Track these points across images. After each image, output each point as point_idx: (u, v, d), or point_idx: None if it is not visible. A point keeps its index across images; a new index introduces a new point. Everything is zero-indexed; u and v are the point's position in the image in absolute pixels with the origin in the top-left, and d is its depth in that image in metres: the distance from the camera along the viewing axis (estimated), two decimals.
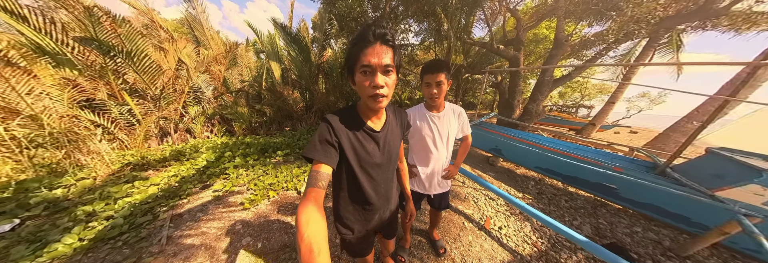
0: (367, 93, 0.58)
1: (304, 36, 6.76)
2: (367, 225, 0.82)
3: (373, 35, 0.54)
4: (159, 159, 3.13)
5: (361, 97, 0.62)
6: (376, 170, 0.74)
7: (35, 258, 1.38)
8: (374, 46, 0.54)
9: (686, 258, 1.78)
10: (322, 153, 0.61)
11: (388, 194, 0.84)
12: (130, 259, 1.42)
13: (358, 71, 0.57)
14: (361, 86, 0.58)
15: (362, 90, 0.58)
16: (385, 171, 0.77)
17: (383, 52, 0.54)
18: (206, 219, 1.88)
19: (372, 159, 0.71)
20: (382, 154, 0.74)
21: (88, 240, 1.54)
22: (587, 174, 2.48)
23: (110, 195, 2.02)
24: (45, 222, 1.71)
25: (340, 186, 0.77)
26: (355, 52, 0.56)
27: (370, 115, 0.70)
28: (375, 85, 0.56)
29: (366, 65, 0.54)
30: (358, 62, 0.56)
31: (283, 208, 2.09)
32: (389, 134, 0.75)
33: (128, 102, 3.87)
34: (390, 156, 0.77)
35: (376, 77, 0.55)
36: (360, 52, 0.55)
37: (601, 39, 3.86)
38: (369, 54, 0.54)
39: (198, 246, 1.56)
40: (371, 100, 0.59)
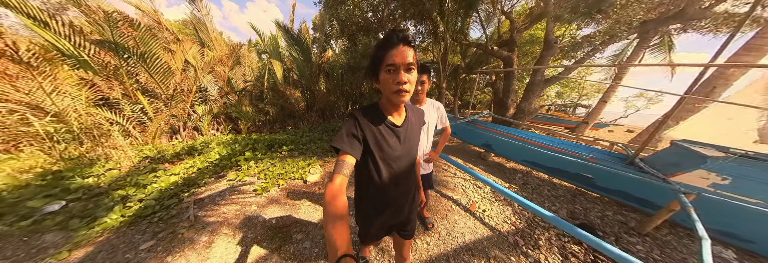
0: (391, 89, 0.64)
1: (305, 37, 7.06)
2: (384, 215, 0.88)
3: (396, 38, 0.61)
4: (173, 153, 3.43)
5: (385, 94, 0.69)
6: (397, 163, 0.80)
7: (89, 229, 1.68)
8: (398, 47, 0.61)
9: (645, 235, 2.08)
10: (349, 144, 0.69)
11: (408, 186, 0.91)
12: (166, 231, 1.72)
13: (382, 70, 0.64)
14: (385, 83, 0.65)
15: (387, 86, 0.65)
16: (404, 164, 0.84)
17: (406, 52, 0.61)
18: (224, 202, 2.18)
19: (393, 153, 0.78)
20: (403, 148, 0.80)
21: (128, 217, 1.84)
22: (567, 165, 2.78)
23: (138, 182, 2.33)
24: (87, 203, 2.01)
25: (362, 177, 0.84)
26: (380, 54, 0.63)
27: (392, 111, 0.78)
28: (399, 81, 0.62)
29: (391, 64, 0.61)
30: (383, 62, 0.63)
31: (292, 194, 2.39)
32: (409, 129, 0.82)
33: (141, 101, 4.16)
34: (409, 150, 0.84)
35: (400, 74, 0.62)
36: (385, 54, 0.62)
37: (588, 41, 4.15)
38: (393, 54, 0.61)
39: (221, 222, 1.86)
40: (395, 95, 0.65)
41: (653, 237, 2.05)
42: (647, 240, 2.02)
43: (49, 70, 3.26)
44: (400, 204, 0.91)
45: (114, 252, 1.51)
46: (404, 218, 0.96)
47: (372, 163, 0.77)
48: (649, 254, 1.85)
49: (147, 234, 1.70)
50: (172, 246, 1.58)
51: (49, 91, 3.20)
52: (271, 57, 6.96)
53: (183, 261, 1.47)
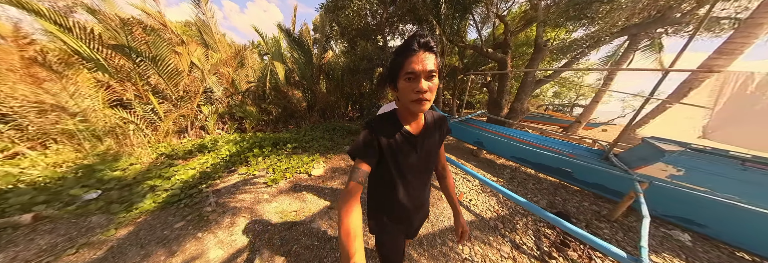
0: (410, 98, 0.62)
1: (306, 39, 7.37)
2: (398, 226, 0.88)
3: (417, 44, 0.59)
4: (185, 150, 3.74)
5: (403, 102, 0.66)
6: (412, 173, 0.79)
7: (128, 212, 1.99)
8: (418, 54, 0.58)
9: (613, 221, 2.37)
10: (364, 152, 0.70)
11: (421, 198, 0.89)
12: (193, 214, 2.03)
13: (402, 78, 0.61)
14: (405, 91, 0.62)
15: (406, 95, 0.62)
16: (420, 175, 0.82)
17: (427, 59, 0.59)
18: (240, 192, 2.48)
19: (408, 162, 0.76)
20: (419, 158, 0.78)
21: (159, 203, 2.14)
22: (550, 160, 3.08)
23: (162, 174, 2.64)
24: (120, 192, 2.31)
25: (376, 186, 0.84)
26: (399, 61, 0.61)
27: (409, 119, 0.75)
28: (419, 90, 0.59)
29: (410, 72, 0.58)
30: (402, 70, 0.60)
31: (298, 185, 2.70)
32: (427, 139, 0.79)
33: (152, 101, 4.46)
34: (427, 160, 0.82)
35: (420, 83, 0.59)
36: (405, 61, 0.59)
37: (576, 44, 4.45)
38: (414, 62, 0.58)
39: (239, 208, 2.17)
40: (414, 105, 0.62)
41: (620, 223, 2.34)
42: (614, 226, 2.31)
43: (70, 73, 3.58)
44: (413, 216, 0.90)
45: (153, 230, 1.82)
46: (414, 228, 0.97)
47: (386, 173, 0.77)
48: (613, 237, 2.15)
49: (177, 216, 2.01)
50: (201, 226, 1.89)
51: (71, 92, 3.51)
52: (273, 59, 7.26)
53: (212, 236, 1.78)
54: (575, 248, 1.95)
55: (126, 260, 1.53)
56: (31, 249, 1.59)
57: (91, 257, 1.55)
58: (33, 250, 1.58)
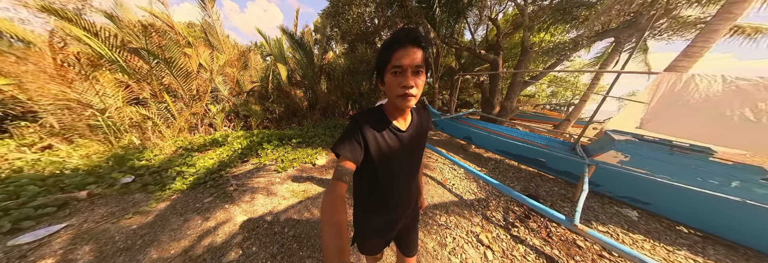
0: (396, 92, 0.61)
1: (308, 40, 7.83)
2: (383, 225, 0.87)
3: (405, 37, 0.58)
4: (201, 144, 4.19)
5: (390, 97, 0.66)
6: (399, 169, 0.78)
7: (163, 191, 2.44)
8: (406, 47, 0.58)
9: (575, 201, 2.81)
10: (348, 149, 0.67)
11: (409, 194, 0.89)
12: (218, 192, 2.48)
13: (388, 72, 0.60)
14: (390, 86, 0.61)
15: (392, 90, 0.62)
16: (407, 171, 0.82)
17: (414, 53, 0.58)
18: (255, 177, 2.94)
19: (396, 158, 0.75)
20: (406, 153, 0.78)
21: (188, 185, 2.59)
22: (527, 151, 3.52)
23: (187, 162, 3.09)
24: (152, 177, 2.76)
25: (361, 183, 0.82)
26: (386, 54, 0.59)
27: (396, 115, 0.75)
28: (405, 85, 0.59)
29: (397, 66, 0.58)
30: (388, 63, 0.59)
31: (304, 172, 3.15)
32: (414, 134, 0.79)
33: (167, 100, 4.92)
34: (413, 155, 0.82)
35: (406, 78, 0.59)
36: (391, 54, 0.58)
37: (558, 47, 4.90)
38: (400, 56, 0.57)
39: (256, 188, 2.62)
40: (400, 100, 0.62)
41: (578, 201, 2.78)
42: (575, 204, 2.75)
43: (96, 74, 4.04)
44: (399, 214, 0.88)
45: (187, 203, 2.27)
46: (404, 229, 0.94)
47: (372, 169, 0.75)
48: (570, 212, 2.58)
49: (205, 194, 2.46)
50: (226, 200, 2.34)
51: (97, 91, 3.97)
52: (276, 60, 7.73)
53: (236, 207, 2.23)
54: (535, 220, 2.39)
55: (171, 222, 1.98)
56: (95, 214, 2.04)
57: (144, 221, 2.00)
58: (97, 215, 2.03)
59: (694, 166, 2.22)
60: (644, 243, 2.15)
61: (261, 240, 1.82)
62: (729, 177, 2.07)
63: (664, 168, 2.36)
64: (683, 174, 2.26)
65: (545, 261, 1.87)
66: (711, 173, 2.15)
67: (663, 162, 2.36)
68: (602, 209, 2.68)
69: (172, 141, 4.11)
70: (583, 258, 1.91)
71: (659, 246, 2.11)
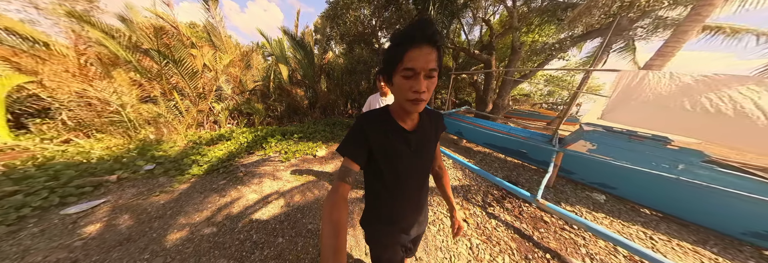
0: (406, 96, 0.58)
1: (308, 41, 8.22)
2: (394, 231, 0.84)
3: (421, 34, 0.52)
4: (209, 139, 4.57)
5: (398, 99, 0.63)
6: (407, 172, 0.76)
7: (182, 175, 2.81)
8: (421, 47, 0.53)
9: (551, 187, 3.15)
10: (352, 151, 0.68)
11: (418, 200, 0.85)
12: (230, 176, 2.85)
13: (398, 73, 0.56)
14: (400, 89, 0.58)
15: (401, 93, 0.58)
16: (416, 174, 0.79)
17: (429, 55, 0.54)
18: (261, 165, 3.31)
19: (403, 161, 0.73)
20: (414, 156, 0.75)
21: (204, 171, 2.97)
22: (511, 143, 3.88)
23: (200, 153, 3.47)
24: (172, 164, 3.14)
25: (370, 188, 0.80)
26: (398, 53, 0.55)
27: (403, 116, 0.72)
28: (417, 90, 0.55)
29: (409, 68, 0.54)
30: (400, 63, 0.55)
31: (306, 162, 3.52)
32: (422, 135, 0.76)
33: (175, 98, 5.30)
34: (422, 157, 0.78)
35: (419, 82, 0.55)
36: (404, 54, 0.54)
37: (545, 48, 5.26)
38: (414, 57, 0.53)
39: (263, 174, 3.00)
40: (410, 104, 0.59)
41: (555, 188, 3.13)
42: (550, 189, 3.10)
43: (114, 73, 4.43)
44: (410, 221, 0.85)
45: (204, 185, 2.65)
46: (414, 236, 0.91)
47: (379, 174, 0.74)
48: (544, 195, 2.93)
49: (219, 178, 2.84)
50: (238, 183, 2.72)
51: (113, 89, 4.35)
52: (277, 60, 8.12)
53: (247, 188, 2.60)
54: (510, 201, 2.75)
55: (193, 198, 2.35)
56: (127, 193, 2.42)
57: (170, 197, 2.37)
58: (129, 194, 2.41)
59: (648, 152, 2.58)
60: (604, 220, 2.50)
61: (270, 211, 2.19)
62: (676, 161, 2.42)
63: (624, 154, 2.71)
64: (640, 160, 2.61)
65: (513, 232, 2.22)
66: (662, 158, 2.50)
67: (623, 150, 2.72)
68: (574, 193, 3.03)
69: (184, 135, 4.49)
70: (547, 230, 2.27)
71: (616, 222, 2.46)
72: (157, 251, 1.65)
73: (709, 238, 2.19)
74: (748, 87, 2.02)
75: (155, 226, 1.93)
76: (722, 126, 2.05)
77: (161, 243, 1.73)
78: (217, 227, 1.95)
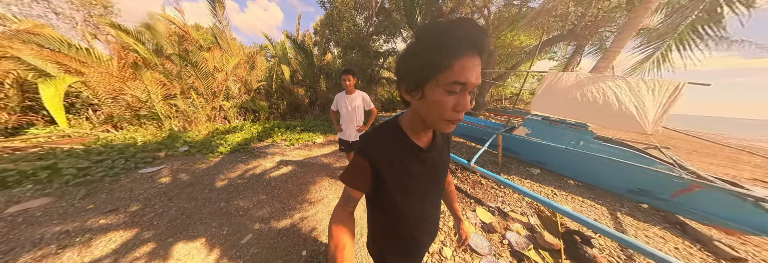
0: (446, 116, 0.50)
1: (309, 44, 9.30)
2: (407, 256, 0.80)
3: (480, 41, 0.45)
4: (224, 130, 5.64)
5: (428, 117, 0.54)
6: (422, 193, 0.71)
7: (212, 153, 3.88)
8: (473, 56, 0.45)
9: (501, 165, 4.17)
10: (355, 179, 0.65)
11: (433, 221, 0.81)
12: (249, 154, 3.92)
13: (440, 86, 0.47)
14: (439, 105, 0.49)
15: (439, 111, 0.50)
16: (431, 195, 0.75)
17: (479, 67, 0.47)
18: (272, 148, 4.39)
19: (418, 183, 0.68)
20: (430, 176, 0.71)
21: (228, 150, 4.04)
22: (477, 132, 4.90)
23: (221, 139, 4.55)
24: (199, 147, 4.20)
25: (378, 213, 0.75)
26: (443, 60, 0.45)
27: (419, 132, 0.65)
28: (463, 108, 0.49)
29: (460, 83, 0.46)
30: (444, 74, 0.46)
31: (307, 146, 4.60)
32: (437, 153, 0.71)
33: (193, 96, 6.39)
34: (438, 177, 0.74)
35: (466, 99, 0.48)
36: (453, 62, 0.45)
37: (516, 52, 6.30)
38: (467, 68, 0.45)
39: (274, 153, 4.07)
40: (446, 124, 0.52)
41: (503, 164, 4.14)
42: (499, 166, 4.12)
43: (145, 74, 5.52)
44: (424, 244, 0.80)
45: (231, 159, 3.72)
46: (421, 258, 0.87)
47: (389, 197, 0.67)
48: (492, 169, 3.95)
49: (241, 154, 3.92)
50: (256, 157, 3.79)
51: (145, 88, 5.43)
52: (279, 61, 9.21)
53: (263, 160, 3.68)
54: (461, 173, 3.77)
55: (225, 166, 3.42)
56: (176, 163, 3.49)
57: (208, 165, 3.44)
58: (178, 163, 3.48)
59: (562, 133, 3.60)
60: (529, 185, 3.51)
61: (281, 171, 3.27)
62: (578, 139, 3.44)
63: (548, 136, 3.74)
64: (558, 140, 3.63)
65: (458, 191, 3.24)
66: (570, 137, 3.53)
67: (547, 132, 3.74)
68: (517, 169, 4.04)
69: (204, 127, 5.58)
70: (480, 189, 3.28)
71: (535, 185, 3.46)
72: (212, 189, 2.71)
73: (604, 196, 3.15)
74: (615, 83, 3.05)
75: (205, 179, 2.99)
76: (596, 111, 3.08)
77: (213, 186, 2.79)
78: (246, 179, 3.01)
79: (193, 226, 2.04)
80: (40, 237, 1.83)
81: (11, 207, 2.18)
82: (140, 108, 5.27)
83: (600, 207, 2.87)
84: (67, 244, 1.76)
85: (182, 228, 2.00)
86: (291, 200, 2.57)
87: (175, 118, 5.55)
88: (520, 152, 4.18)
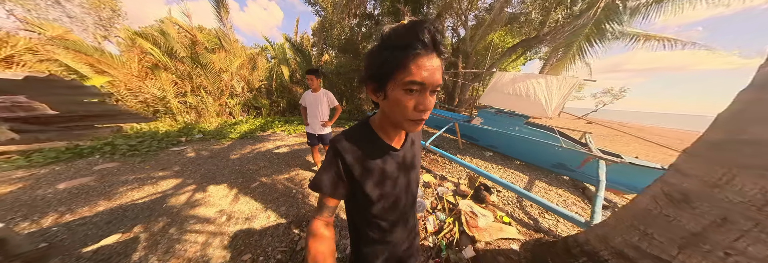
0: (407, 115, 0.52)
1: (306, 46, 10.41)
2: (387, 255, 0.81)
3: (432, 40, 0.45)
4: (231, 123, 6.74)
5: (394, 117, 0.55)
6: (398, 193, 0.74)
7: (224, 138, 4.98)
8: (430, 56, 0.46)
9: (462, 149, 5.20)
10: (328, 185, 0.64)
11: (412, 220, 0.85)
12: (255, 140, 5.01)
13: (398, 86, 0.48)
14: (399, 105, 0.51)
15: (401, 111, 0.51)
16: (407, 193, 0.77)
17: (438, 67, 0.48)
18: (273, 136, 5.47)
19: (392, 182, 0.70)
20: (404, 175, 0.73)
21: (237, 136, 5.13)
22: (444, 123, 5.91)
23: (234, 128, 5.65)
24: (212, 134, 5.29)
25: (355, 216, 0.78)
26: (398, 59, 0.46)
27: (390, 132, 0.67)
28: (425, 108, 0.50)
29: (417, 82, 0.46)
30: (401, 74, 0.47)
31: (303, 136, 5.67)
32: (408, 152, 0.74)
33: (202, 94, 7.50)
34: (411, 175, 0.76)
35: (426, 99, 0.49)
36: (409, 62, 0.45)
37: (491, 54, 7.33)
38: (424, 67, 0.46)
39: (275, 139, 5.17)
40: (411, 124, 0.54)
41: (464, 149, 5.17)
42: (460, 148, 5.15)
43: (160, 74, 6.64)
44: (403, 245, 0.84)
45: (241, 142, 4.82)
46: (405, 259, 0.88)
47: (364, 200, 0.69)
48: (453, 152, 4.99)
49: (248, 139, 5.01)
50: (260, 142, 4.87)
51: (160, 86, 6.55)
52: (279, 62, 10.31)
53: (267, 143, 4.76)
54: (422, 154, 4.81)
55: (237, 147, 4.50)
56: (195, 146, 4.59)
57: (223, 147, 4.53)
58: (196, 146, 4.57)
59: (504, 121, 4.64)
60: (479, 164, 4.54)
61: (281, 151, 4.34)
62: (514, 125, 4.48)
63: (496, 124, 4.77)
64: (501, 127, 4.67)
65: None
66: (509, 123, 4.57)
67: (495, 121, 4.78)
68: (473, 152, 5.07)
69: (214, 120, 6.70)
70: (436, 164, 4.31)
71: (483, 163, 4.49)
72: (228, 159, 3.80)
73: (538, 171, 4.16)
74: (537, 80, 4.09)
75: (221, 154, 4.07)
76: (521, 101, 4.12)
77: (228, 158, 3.87)
78: (253, 154, 4.09)
79: (218, 178, 3.12)
80: (125, 179, 2.92)
81: (95, 166, 3.28)
82: (157, 104, 6.39)
83: (524, 176, 3.89)
84: (144, 183, 2.85)
85: (211, 179, 3.08)
86: (285, 166, 3.65)
87: (187, 113, 6.66)
88: (478, 138, 5.21)
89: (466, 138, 5.40)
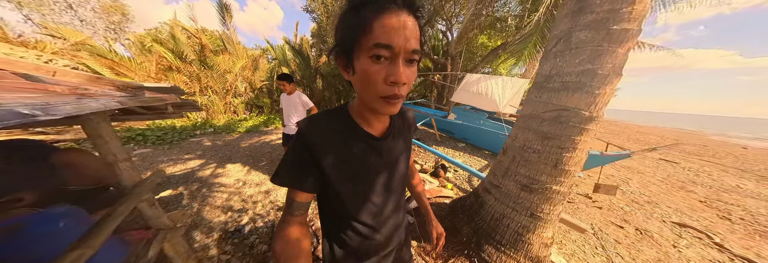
0: (378, 91, 0.43)
1: (306, 48, 11.37)
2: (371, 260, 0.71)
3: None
4: (238, 119, 7.72)
5: (363, 95, 0.48)
6: (379, 190, 0.64)
7: (233, 131, 5.96)
8: (399, 13, 0.39)
9: (440, 142, 6.12)
10: (295, 178, 0.56)
11: (395, 223, 0.72)
12: (260, 133, 5.99)
13: (364, 53, 0.41)
14: (368, 79, 0.42)
15: (370, 85, 0.43)
16: (389, 192, 0.66)
17: (412, 28, 0.40)
18: (276, 130, 6.45)
19: (373, 177, 0.62)
20: (386, 169, 0.63)
21: (244, 130, 6.12)
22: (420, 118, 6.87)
23: (240, 123, 6.64)
24: (223, 128, 6.28)
25: (329, 215, 0.68)
26: (362, 20, 0.39)
27: (369, 118, 0.58)
28: (395, 80, 0.41)
29: (383, 45, 0.39)
30: (365, 37, 0.39)
31: None
32: (393, 141, 0.64)
33: (209, 94, 8.49)
34: (396, 169, 0.66)
35: (397, 67, 0.40)
36: (374, 20, 0.38)
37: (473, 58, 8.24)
38: (390, 26, 0.38)
39: (277, 132, 6.16)
40: (382, 103, 0.45)
41: (441, 141, 6.10)
42: (438, 141, 6.07)
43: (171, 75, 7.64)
44: (387, 249, 0.72)
45: (248, 134, 5.81)
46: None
47: (339, 197, 0.60)
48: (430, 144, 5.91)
49: (254, 133, 6.00)
50: (265, 134, 5.86)
51: None
52: (280, 63, 11.28)
53: (270, 136, 5.73)
54: None
55: (244, 138, 5.48)
56: (210, 137, 5.57)
57: (233, 138, 5.51)
58: (211, 138, 5.55)
59: (473, 116, 5.56)
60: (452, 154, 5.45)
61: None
62: (478, 119, 5.41)
63: (467, 119, 5.70)
64: (470, 121, 5.59)
65: None
66: (475, 118, 5.49)
67: (466, 116, 5.71)
68: (448, 143, 5.98)
69: (222, 118, 7.70)
70: (416, 154, 5.24)
71: (454, 152, 5.40)
72: (240, 147, 4.77)
73: (495, 156, 5.13)
74: (495, 81, 5.01)
75: (233, 143, 5.05)
76: (481, 99, 5.05)
77: (239, 146, 4.84)
78: (260, 143, 5.06)
79: (233, 159, 4.10)
80: (161, 160, 3.91)
81: (134, 151, 4.27)
82: None
83: (483, 161, 4.83)
84: (176, 162, 3.83)
85: (227, 159, 4.06)
86: None
87: (199, 111, 7.67)
88: (453, 132, 6.12)
89: (444, 131, 6.33)
